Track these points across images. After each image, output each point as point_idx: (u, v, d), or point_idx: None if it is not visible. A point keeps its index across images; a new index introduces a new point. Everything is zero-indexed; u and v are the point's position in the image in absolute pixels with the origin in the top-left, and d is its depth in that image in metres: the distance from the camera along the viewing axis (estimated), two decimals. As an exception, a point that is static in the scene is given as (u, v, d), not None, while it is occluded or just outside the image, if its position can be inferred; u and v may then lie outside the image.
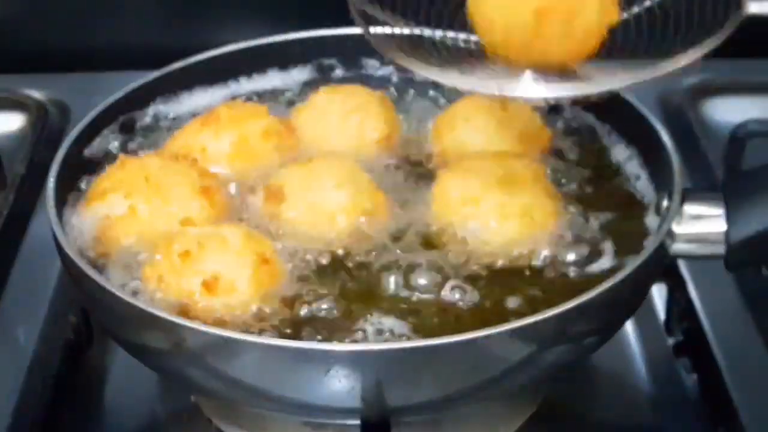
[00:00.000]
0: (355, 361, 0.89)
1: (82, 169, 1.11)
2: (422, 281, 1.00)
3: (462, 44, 1.05)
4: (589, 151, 1.16)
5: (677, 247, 1.00)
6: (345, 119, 1.15)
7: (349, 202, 1.04)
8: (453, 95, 1.18)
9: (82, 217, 1.05)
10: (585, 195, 1.10)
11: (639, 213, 1.08)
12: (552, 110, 1.20)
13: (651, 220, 1.06)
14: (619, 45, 0.98)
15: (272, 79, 1.26)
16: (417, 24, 1.04)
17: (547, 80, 0.96)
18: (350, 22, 1.27)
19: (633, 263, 0.96)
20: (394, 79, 1.25)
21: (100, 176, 1.08)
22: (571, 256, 1.03)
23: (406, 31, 1.04)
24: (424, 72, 0.97)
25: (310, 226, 1.04)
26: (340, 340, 0.94)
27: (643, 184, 1.11)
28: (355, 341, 0.94)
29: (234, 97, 1.22)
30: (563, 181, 1.11)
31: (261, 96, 1.23)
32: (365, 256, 1.02)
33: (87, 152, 1.13)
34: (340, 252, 1.03)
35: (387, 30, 1.03)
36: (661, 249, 0.98)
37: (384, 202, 1.06)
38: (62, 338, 1.15)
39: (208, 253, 0.97)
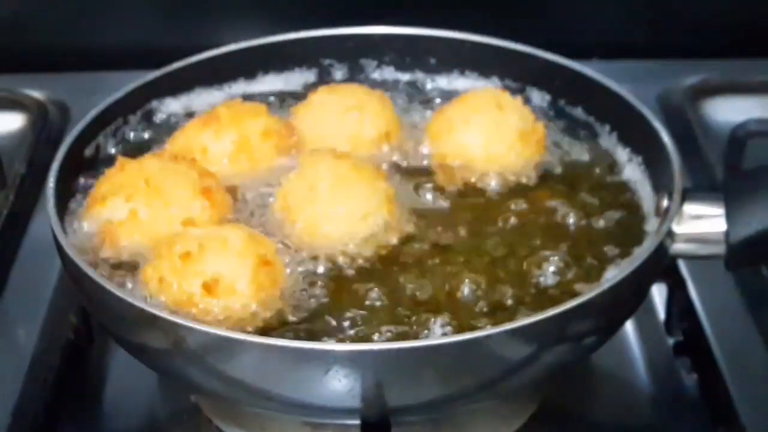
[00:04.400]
0: (355, 361, 0.89)
1: (82, 169, 1.11)
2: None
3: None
4: (589, 150, 1.16)
5: (677, 247, 1.00)
6: (344, 117, 1.15)
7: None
8: (449, 96, 1.20)
9: (83, 222, 1.05)
10: (584, 195, 1.10)
11: (639, 213, 1.08)
12: (551, 110, 1.20)
13: (651, 220, 1.06)
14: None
15: (272, 79, 1.26)
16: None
17: None
18: (350, 23, 1.28)
19: (633, 263, 0.96)
20: (393, 79, 1.26)
21: (101, 179, 1.07)
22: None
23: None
24: None
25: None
26: (340, 340, 0.95)
27: (643, 184, 1.11)
28: (355, 341, 0.95)
29: (233, 97, 1.22)
30: (562, 181, 1.12)
31: (261, 96, 1.23)
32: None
33: (87, 152, 1.13)
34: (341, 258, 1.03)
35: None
36: (661, 249, 0.98)
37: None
38: (62, 338, 1.15)
39: (208, 254, 0.97)
